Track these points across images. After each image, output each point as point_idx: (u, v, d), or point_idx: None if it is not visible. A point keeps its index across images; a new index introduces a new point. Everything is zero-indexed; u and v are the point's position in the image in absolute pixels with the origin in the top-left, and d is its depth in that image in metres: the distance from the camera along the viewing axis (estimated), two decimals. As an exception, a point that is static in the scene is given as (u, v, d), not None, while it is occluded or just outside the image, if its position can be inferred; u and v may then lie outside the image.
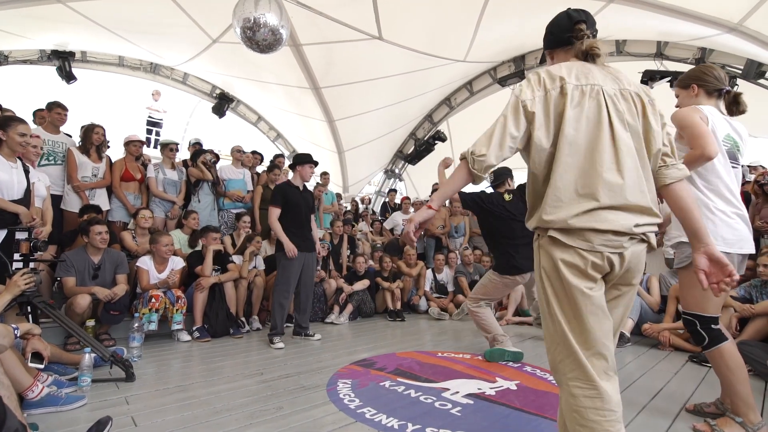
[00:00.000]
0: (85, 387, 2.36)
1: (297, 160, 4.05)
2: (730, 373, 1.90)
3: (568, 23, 1.45)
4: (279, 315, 3.77)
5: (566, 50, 1.46)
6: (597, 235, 1.22)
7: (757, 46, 5.03)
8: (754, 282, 3.44)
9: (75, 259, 3.38)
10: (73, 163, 4.20)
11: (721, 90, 2.06)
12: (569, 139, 1.27)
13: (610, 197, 1.22)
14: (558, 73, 1.32)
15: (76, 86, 7.75)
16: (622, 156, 1.25)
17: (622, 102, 1.31)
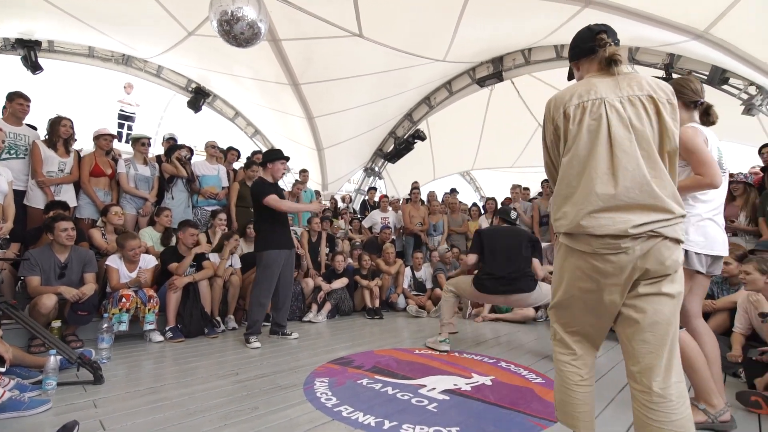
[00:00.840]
0: (50, 390, 2.27)
1: (268, 158, 3.92)
2: (686, 360, 1.97)
3: (590, 34, 1.59)
4: (258, 314, 3.71)
5: (590, 59, 1.59)
6: (595, 239, 1.37)
7: (721, 54, 5.26)
8: (715, 279, 3.60)
9: (39, 257, 3.24)
10: (38, 157, 4.02)
11: (697, 102, 2.15)
12: (571, 153, 1.46)
13: (602, 201, 1.37)
14: (561, 99, 1.53)
15: (42, 77, 7.42)
16: (620, 160, 1.37)
17: (629, 108, 1.42)
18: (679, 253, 1.39)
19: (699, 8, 4.89)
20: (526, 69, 7.96)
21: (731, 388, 2.56)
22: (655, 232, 1.34)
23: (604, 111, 1.42)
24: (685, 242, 1.77)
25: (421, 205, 7.27)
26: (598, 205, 1.37)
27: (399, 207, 7.63)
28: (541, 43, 7.31)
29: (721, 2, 4.65)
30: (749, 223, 4.15)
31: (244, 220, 5.43)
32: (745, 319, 3.03)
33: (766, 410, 2.24)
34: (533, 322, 5.08)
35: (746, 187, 4.29)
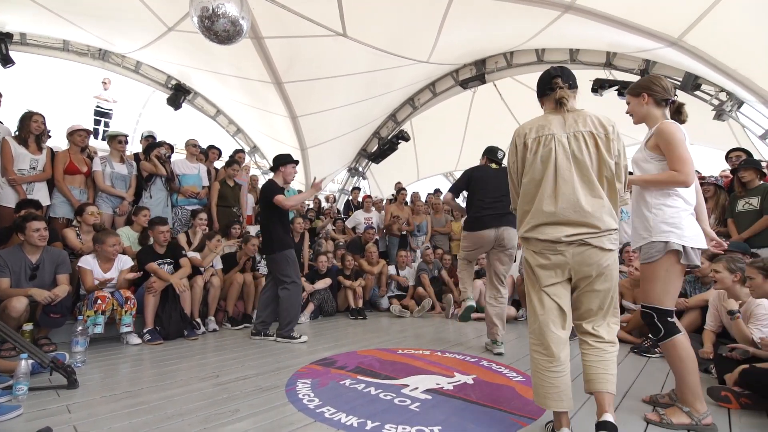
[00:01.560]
0: (21, 396, 2.18)
1: (280, 161, 3.98)
2: (682, 364, 2.03)
3: (548, 78, 2.00)
4: (294, 312, 3.87)
5: (548, 98, 2.00)
6: (539, 243, 1.86)
7: (694, 60, 5.45)
8: (688, 278, 3.73)
9: (9, 258, 3.12)
10: (8, 154, 3.88)
11: (668, 100, 2.21)
12: (528, 177, 1.91)
13: (546, 217, 1.83)
14: (522, 131, 1.96)
15: (13, 71, 7.14)
16: (560, 186, 1.81)
17: (573, 142, 1.83)
18: (606, 258, 1.80)
19: (673, 17, 5.05)
20: (508, 72, 8.09)
21: (703, 384, 2.64)
22: (584, 242, 1.79)
23: (553, 145, 1.84)
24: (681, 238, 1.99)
25: (405, 206, 7.29)
26: (543, 219, 1.84)
27: (382, 207, 7.65)
28: (522, 47, 7.43)
29: (693, 12, 4.82)
30: (718, 225, 4.31)
31: (225, 220, 5.36)
32: (715, 317, 3.14)
33: (736, 405, 2.33)
34: (514, 321, 5.16)
35: (716, 189, 4.45)
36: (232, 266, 4.70)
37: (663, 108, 2.20)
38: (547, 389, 1.80)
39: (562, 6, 5.39)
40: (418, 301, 5.72)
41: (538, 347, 1.88)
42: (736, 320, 2.76)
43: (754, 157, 4.53)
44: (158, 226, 4.05)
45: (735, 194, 4.15)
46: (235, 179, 5.65)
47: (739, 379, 2.39)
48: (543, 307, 1.88)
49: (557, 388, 1.79)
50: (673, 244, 2.01)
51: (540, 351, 1.86)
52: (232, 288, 4.46)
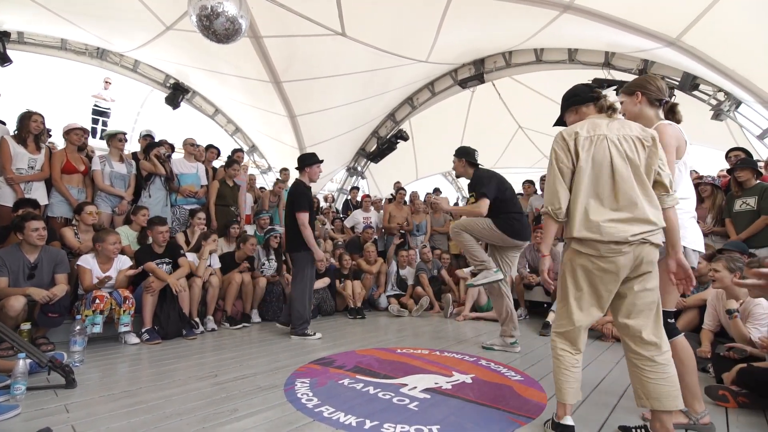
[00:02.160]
0: (19, 395, 2.18)
1: (306, 161, 4.12)
2: (682, 365, 2.02)
3: (587, 89, 2.13)
4: (305, 312, 3.97)
5: (587, 105, 2.09)
6: (601, 245, 1.78)
7: (692, 61, 5.45)
8: (686, 277, 3.73)
9: (7, 257, 3.11)
10: (7, 153, 3.87)
11: (662, 100, 2.21)
12: (580, 176, 1.86)
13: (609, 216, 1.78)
14: (571, 130, 1.92)
15: (11, 69, 7.11)
16: (619, 185, 1.80)
17: (624, 143, 1.85)
18: (656, 254, 1.83)
19: (671, 17, 5.05)
20: (507, 71, 8.09)
21: (700, 382, 2.66)
22: (645, 239, 1.78)
23: (606, 144, 1.85)
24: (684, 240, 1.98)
25: (404, 206, 7.29)
26: (605, 218, 1.79)
27: (381, 207, 7.64)
28: (521, 47, 7.43)
29: (691, 12, 4.82)
30: (715, 224, 4.33)
31: (224, 219, 5.35)
32: (713, 316, 3.15)
33: (733, 404, 2.34)
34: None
35: (713, 189, 4.47)
36: (231, 266, 4.69)
37: (656, 108, 2.19)
38: (571, 384, 1.87)
39: (561, 6, 5.39)
40: (416, 301, 5.72)
41: (567, 348, 1.90)
42: (734, 319, 2.77)
43: (753, 156, 4.54)
44: (157, 226, 4.04)
45: (732, 194, 4.16)
46: (234, 179, 5.64)
47: (736, 378, 2.40)
48: (583, 311, 1.87)
49: (577, 383, 1.90)
50: None
51: (569, 351, 1.90)
52: (231, 288, 4.46)
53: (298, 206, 3.95)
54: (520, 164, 11.72)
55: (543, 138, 10.72)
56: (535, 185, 6.75)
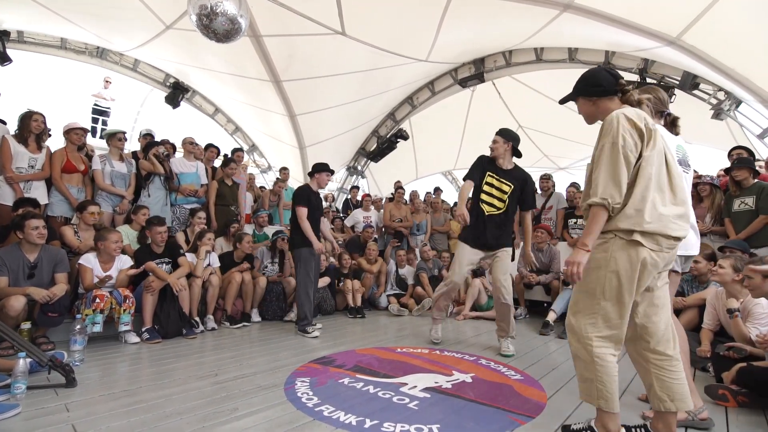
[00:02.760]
0: (20, 395, 2.18)
1: (316, 169, 4.38)
2: None
3: (613, 78, 1.87)
4: (307, 305, 4.09)
5: (610, 98, 1.87)
6: (666, 240, 1.69)
7: (692, 60, 5.45)
8: (685, 277, 3.74)
9: (7, 257, 3.11)
10: (7, 153, 3.86)
11: (663, 112, 2.23)
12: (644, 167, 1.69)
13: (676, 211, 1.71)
14: (639, 114, 1.73)
15: (11, 69, 7.11)
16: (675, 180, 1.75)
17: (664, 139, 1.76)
18: None
19: (672, 16, 5.05)
20: (507, 71, 8.08)
21: (700, 382, 2.67)
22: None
23: (660, 138, 1.75)
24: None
25: (403, 205, 7.29)
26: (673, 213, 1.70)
27: (381, 206, 7.64)
28: (521, 46, 7.43)
29: (692, 11, 4.82)
30: (714, 224, 4.33)
31: (223, 218, 5.35)
32: (713, 315, 3.15)
33: (733, 403, 2.34)
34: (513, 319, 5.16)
35: (712, 188, 4.47)
36: (231, 265, 4.69)
37: (658, 120, 2.21)
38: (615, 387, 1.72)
39: (561, 5, 5.38)
40: (417, 300, 5.72)
41: (614, 352, 1.73)
42: (735, 319, 2.77)
43: (755, 155, 4.53)
44: (155, 227, 4.03)
45: (730, 194, 4.16)
46: (233, 178, 5.63)
47: (736, 377, 2.40)
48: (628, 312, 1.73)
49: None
50: None
51: (614, 353, 1.73)
52: (231, 287, 4.46)
53: (297, 201, 4.20)
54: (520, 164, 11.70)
55: (543, 137, 10.72)
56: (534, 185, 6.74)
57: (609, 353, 1.71)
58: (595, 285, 1.72)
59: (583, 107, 1.96)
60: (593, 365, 1.70)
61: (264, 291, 4.83)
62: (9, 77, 7.52)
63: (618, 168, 1.66)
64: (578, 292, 1.82)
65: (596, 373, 1.70)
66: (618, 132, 1.67)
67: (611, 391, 1.69)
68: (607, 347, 1.71)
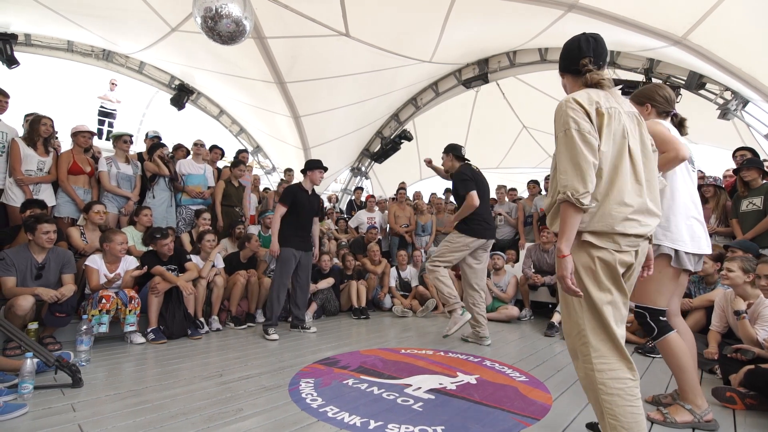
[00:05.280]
0: (27, 394, 2.20)
1: (308, 166, 4.27)
2: (677, 361, 2.04)
3: (578, 55, 1.66)
4: (275, 307, 4.02)
5: (575, 77, 1.69)
6: (625, 237, 1.49)
7: (698, 59, 5.41)
8: (692, 278, 3.71)
9: (15, 257, 3.14)
10: (17, 155, 3.90)
11: (669, 112, 2.21)
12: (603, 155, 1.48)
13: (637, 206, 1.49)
14: (590, 97, 1.53)
15: (18, 71, 7.18)
16: (639, 170, 1.52)
17: (629, 120, 1.55)
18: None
19: (677, 15, 5.02)
20: (511, 71, 8.06)
21: (707, 384, 2.65)
22: (648, 236, 1.56)
23: (623, 120, 1.52)
24: (674, 242, 1.96)
25: (407, 206, 7.29)
26: (633, 209, 1.49)
27: (385, 207, 7.64)
28: (525, 46, 7.40)
29: (698, 10, 4.78)
30: (719, 225, 4.31)
31: (228, 219, 5.37)
32: (721, 317, 3.12)
33: (741, 405, 2.32)
34: (517, 321, 5.15)
35: (716, 189, 4.44)
36: (236, 266, 4.71)
37: (664, 120, 2.20)
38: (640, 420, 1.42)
39: (566, 5, 5.36)
40: (420, 301, 5.71)
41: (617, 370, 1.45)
42: (742, 320, 2.74)
43: (759, 156, 4.50)
44: (159, 240, 3.96)
45: (738, 194, 4.13)
46: (239, 180, 5.66)
47: (744, 379, 2.38)
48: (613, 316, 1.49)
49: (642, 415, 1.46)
50: (663, 248, 2.03)
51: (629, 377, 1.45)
52: (236, 288, 4.47)
53: (280, 199, 4.16)
54: (524, 164, 11.67)
55: (548, 138, 10.66)
56: (539, 185, 6.72)
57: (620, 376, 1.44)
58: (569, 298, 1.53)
59: (563, 83, 1.80)
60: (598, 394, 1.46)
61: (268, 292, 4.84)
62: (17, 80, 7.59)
63: (576, 154, 1.44)
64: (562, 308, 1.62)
65: (604, 404, 1.44)
66: (568, 117, 1.49)
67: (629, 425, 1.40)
68: (613, 369, 1.45)
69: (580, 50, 1.66)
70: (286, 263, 4.05)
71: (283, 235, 4.08)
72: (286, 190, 4.26)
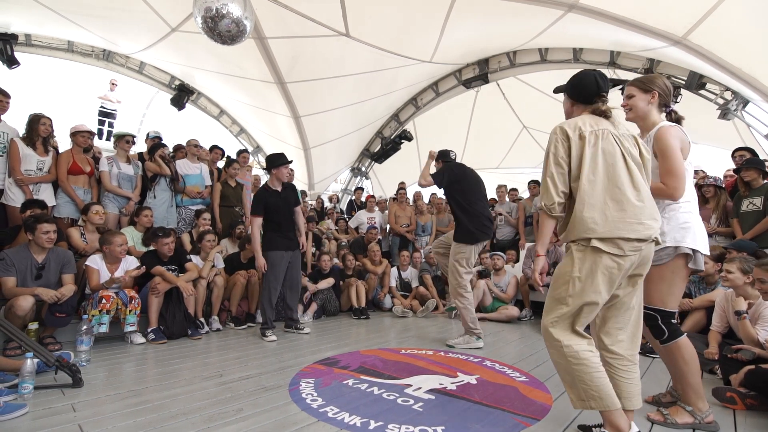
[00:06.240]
0: (27, 394, 2.20)
1: (270, 164, 4.07)
2: (685, 365, 2.02)
3: (596, 90, 1.92)
4: (268, 310, 3.98)
5: (584, 106, 1.95)
6: (627, 242, 1.68)
7: (698, 59, 5.41)
8: (693, 278, 3.71)
9: (15, 257, 3.14)
10: (16, 155, 3.90)
11: (668, 105, 2.19)
12: (592, 171, 1.74)
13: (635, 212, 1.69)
14: (574, 124, 1.83)
15: (18, 72, 7.19)
16: (637, 180, 1.74)
17: (625, 141, 1.82)
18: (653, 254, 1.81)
19: (677, 15, 5.02)
20: (511, 71, 8.06)
21: (708, 384, 2.64)
22: (653, 238, 1.73)
23: (612, 139, 1.79)
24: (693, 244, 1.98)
25: (407, 206, 7.29)
26: (632, 215, 1.69)
27: (385, 207, 7.64)
28: (525, 46, 7.41)
29: (698, 10, 4.79)
30: (719, 225, 4.31)
31: (227, 220, 5.37)
32: (721, 317, 3.12)
33: (741, 406, 2.32)
34: (517, 321, 5.16)
35: (716, 190, 4.44)
36: (236, 267, 4.70)
37: (662, 112, 2.18)
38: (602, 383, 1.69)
39: (566, 5, 5.36)
40: (421, 301, 5.71)
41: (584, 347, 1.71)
42: (743, 321, 2.74)
43: (759, 156, 4.50)
44: (161, 239, 3.96)
45: (739, 195, 4.13)
46: (238, 179, 5.66)
47: (744, 380, 2.38)
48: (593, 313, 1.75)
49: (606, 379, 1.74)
50: (684, 248, 2.00)
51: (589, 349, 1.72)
52: (236, 288, 4.47)
53: (251, 209, 4.05)
54: (524, 164, 11.66)
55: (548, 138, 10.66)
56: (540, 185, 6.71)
57: (582, 349, 1.70)
58: (562, 292, 1.75)
59: (565, 104, 2.07)
60: (569, 366, 1.70)
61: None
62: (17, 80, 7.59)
63: (549, 174, 1.81)
64: (548, 301, 1.83)
65: (575, 373, 1.69)
66: (551, 143, 1.84)
67: (598, 387, 1.67)
68: (578, 344, 1.70)
69: (599, 87, 1.91)
70: (275, 266, 3.96)
71: (267, 239, 3.99)
72: (254, 198, 4.06)
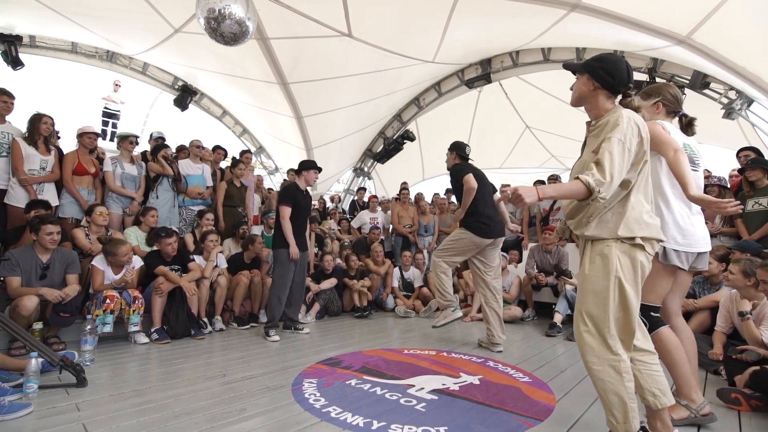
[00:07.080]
0: (31, 394, 2.21)
1: (303, 166, 4.27)
2: (670, 356, 2.02)
3: (626, 80, 1.78)
4: (276, 309, 4.00)
5: (609, 95, 1.79)
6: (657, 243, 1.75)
7: (702, 59, 5.38)
8: (696, 278, 3.69)
9: (21, 257, 3.16)
10: (19, 155, 3.92)
11: (678, 112, 2.19)
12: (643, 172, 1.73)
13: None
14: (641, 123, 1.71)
15: (23, 73, 7.23)
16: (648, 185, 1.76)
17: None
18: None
19: (681, 14, 4.99)
20: (514, 71, 8.04)
21: (712, 385, 2.63)
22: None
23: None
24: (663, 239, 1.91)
25: (410, 206, 7.28)
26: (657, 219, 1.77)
27: (388, 207, 7.63)
28: (528, 46, 7.39)
29: (702, 9, 4.76)
30: (724, 225, 4.28)
31: (231, 220, 5.38)
32: (726, 318, 3.10)
33: (746, 407, 2.30)
34: (520, 321, 5.14)
35: (720, 189, 4.41)
36: (239, 267, 4.71)
37: (670, 119, 2.18)
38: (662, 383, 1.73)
39: (569, 4, 5.34)
40: (423, 302, 5.70)
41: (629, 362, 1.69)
42: (747, 321, 2.73)
43: (764, 156, 4.47)
44: (164, 239, 3.98)
45: (744, 194, 4.10)
46: (242, 180, 5.67)
47: (749, 381, 2.37)
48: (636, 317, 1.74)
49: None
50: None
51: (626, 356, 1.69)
52: (239, 288, 4.48)
53: (281, 199, 4.12)
54: (527, 164, 11.64)
55: (551, 138, 10.64)
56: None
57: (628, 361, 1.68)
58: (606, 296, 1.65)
59: (581, 85, 1.82)
60: (622, 383, 1.62)
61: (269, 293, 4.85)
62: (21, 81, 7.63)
63: (621, 166, 1.60)
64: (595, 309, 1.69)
65: (628, 390, 1.62)
66: (627, 132, 1.63)
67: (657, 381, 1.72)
68: (627, 357, 1.67)
69: (630, 77, 1.78)
70: (287, 264, 4.01)
71: (280, 236, 4.04)
72: (285, 189, 4.25)
